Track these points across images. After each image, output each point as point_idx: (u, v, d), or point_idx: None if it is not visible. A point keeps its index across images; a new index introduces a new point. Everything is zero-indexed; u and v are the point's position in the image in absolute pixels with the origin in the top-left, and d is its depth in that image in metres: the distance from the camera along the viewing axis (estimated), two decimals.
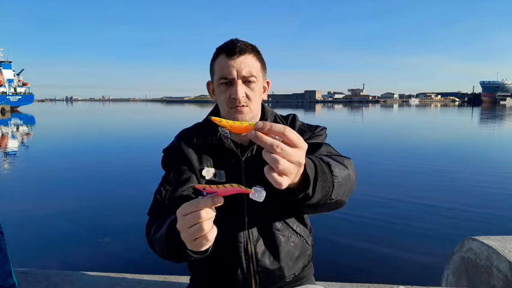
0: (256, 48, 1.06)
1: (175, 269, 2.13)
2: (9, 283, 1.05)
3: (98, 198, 6.25)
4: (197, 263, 1.10)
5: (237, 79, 1.01)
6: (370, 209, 5.30)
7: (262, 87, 1.10)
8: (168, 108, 76.70)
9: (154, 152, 8.42)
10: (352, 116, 39.11)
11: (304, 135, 1.09)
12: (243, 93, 1.02)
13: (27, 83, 51.88)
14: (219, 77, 1.03)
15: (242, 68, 1.01)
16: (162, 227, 0.87)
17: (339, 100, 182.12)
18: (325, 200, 0.79)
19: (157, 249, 0.91)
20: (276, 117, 1.15)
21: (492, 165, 9.04)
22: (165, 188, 1.04)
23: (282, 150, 0.58)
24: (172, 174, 1.06)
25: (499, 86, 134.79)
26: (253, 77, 1.03)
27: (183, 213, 0.66)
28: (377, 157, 10.42)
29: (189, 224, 0.65)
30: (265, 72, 1.10)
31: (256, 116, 1.10)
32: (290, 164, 0.59)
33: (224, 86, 1.03)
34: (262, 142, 0.57)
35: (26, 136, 17.85)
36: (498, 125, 24.69)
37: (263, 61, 1.09)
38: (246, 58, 1.02)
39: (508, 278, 1.66)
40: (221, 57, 1.03)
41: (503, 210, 5.40)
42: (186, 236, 0.67)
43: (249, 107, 1.04)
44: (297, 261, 1.10)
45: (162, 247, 0.86)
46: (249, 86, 1.03)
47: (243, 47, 1.01)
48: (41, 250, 4.06)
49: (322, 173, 0.76)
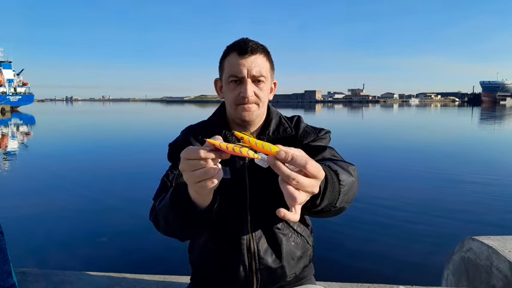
0: (266, 49, 1.07)
1: (175, 269, 2.14)
2: (9, 283, 1.05)
3: (98, 198, 6.25)
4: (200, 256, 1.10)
5: (247, 78, 1.02)
6: (370, 209, 5.29)
7: (270, 87, 1.11)
8: (168, 108, 76.71)
9: (154, 152, 8.47)
10: (352, 116, 39.10)
11: (308, 137, 1.10)
12: (252, 92, 1.03)
13: (27, 83, 51.86)
14: (229, 75, 1.03)
15: (253, 67, 1.01)
16: (167, 195, 0.88)
17: (339, 100, 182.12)
18: (330, 208, 0.80)
19: (161, 220, 0.91)
20: (281, 118, 1.16)
21: (492, 165, 9.05)
22: (172, 172, 1.05)
23: (298, 182, 0.60)
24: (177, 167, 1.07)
25: (499, 86, 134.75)
26: (263, 77, 1.04)
27: (187, 157, 0.66)
28: (376, 157, 10.42)
29: (193, 168, 0.66)
30: (273, 73, 1.11)
31: (262, 116, 1.11)
32: (304, 194, 0.62)
33: (233, 84, 1.04)
34: (280, 172, 0.60)
35: (26, 136, 17.85)
36: (498, 125, 24.69)
37: (272, 62, 1.10)
38: (257, 58, 1.03)
39: (508, 278, 1.66)
40: (232, 55, 1.03)
41: (503, 210, 5.40)
42: (190, 178, 0.67)
43: (257, 105, 1.05)
44: (298, 261, 1.10)
45: (166, 213, 0.86)
46: (257, 86, 1.04)
47: (254, 47, 1.02)
48: (41, 250, 4.06)
49: (332, 183, 0.77)
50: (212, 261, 1.07)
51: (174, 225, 0.88)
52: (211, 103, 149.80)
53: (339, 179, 0.79)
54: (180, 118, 34.35)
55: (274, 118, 1.14)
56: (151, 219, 1.00)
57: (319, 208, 0.77)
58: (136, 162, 9.67)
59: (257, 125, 1.12)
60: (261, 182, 1.01)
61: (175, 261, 3.46)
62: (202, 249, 1.09)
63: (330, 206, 0.79)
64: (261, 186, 1.02)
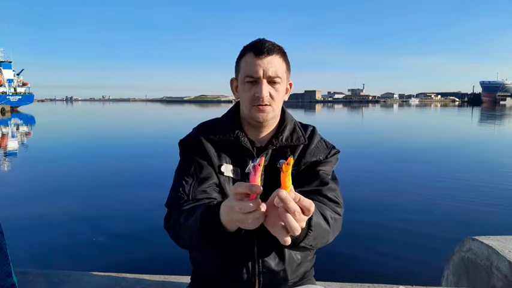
0: (283, 50, 1.06)
1: (175, 269, 2.14)
2: (9, 283, 1.05)
3: (99, 198, 6.25)
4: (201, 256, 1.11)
5: (263, 78, 1.01)
6: (370, 209, 5.29)
7: (285, 88, 1.10)
8: (168, 108, 76.69)
9: (155, 152, 8.47)
10: (352, 116, 39.09)
11: (318, 154, 1.10)
12: (267, 93, 1.02)
13: (27, 83, 51.84)
14: (245, 75, 1.03)
15: (269, 68, 1.01)
16: (195, 214, 0.89)
17: (339, 100, 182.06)
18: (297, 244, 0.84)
19: (186, 237, 0.93)
20: (296, 125, 1.15)
21: (492, 165, 9.05)
22: (187, 182, 1.04)
23: (299, 217, 0.69)
24: (193, 168, 1.06)
25: (499, 86, 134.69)
26: (278, 78, 1.03)
27: (243, 212, 0.70)
28: (376, 157, 10.43)
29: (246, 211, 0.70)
30: (289, 73, 1.11)
31: (277, 117, 1.11)
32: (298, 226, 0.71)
33: (249, 84, 1.03)
34: (287, 206, 0.68)
35: (26, 136, 17.86)
36: (498, 125, 24.69)
37: (288, 63, 1.09)
38: (274, 58, 1.02)
39: (508, 278, 1.66)
40: (248, 55, 1.03)
41: (503, 210, 5.40)
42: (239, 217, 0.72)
43: (271, 106, 1.05)
44: (300, 266, 1.10)
45: (193, 234, 0.88)
46: (273, 86, 1.04)
47: (271, 47, 1.02)
48: (41, 250, 4.06)
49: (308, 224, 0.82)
50: (214, 262, 1.07)
51: (198, 245, 0.91)
52: (211, 103, 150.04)
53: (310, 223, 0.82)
54: (180, 118, 34.33)
55: (289, 124, 1.13)
56: (167, 229, 1.00)
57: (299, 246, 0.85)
58: (136, 162, 9.68)
59: (271, 126, 1.11)
60: (269, 186, 1.01)
61: (176, 261, 3.46)
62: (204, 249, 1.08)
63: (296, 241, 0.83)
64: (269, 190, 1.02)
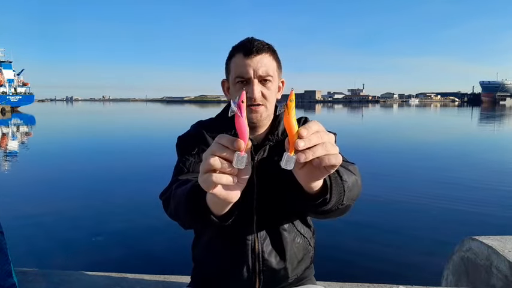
0: (272, 48, 1.06)
1: (175, 269, 2.14)
2: (9, 283, 1.05)
3: (98, 198, 6.24)
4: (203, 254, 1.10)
5: (254, 78, 1.01)
6: (370, 209, 5.29)
7: (277, 86, 1.10)
8: (168, 108, 76.68)
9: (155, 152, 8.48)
10: (351, 116, 39.10)
11: None
12: (259, 92, 1.02)
13: (27, 83, 51.80)
14: (235, 76, 1.02)
15: (259, 67, 1.00)
16: (187, 184, 0.84)
17: (338, 100, 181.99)
18: (338, 206, 0.80)
19: (173, 206, 0.89)
20: None
21: (492, 165, 9.05)
22: (188, 159, 1.03)
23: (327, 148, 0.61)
24: (193, 158, 1.04)
25: (498, 86, 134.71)
26: (270, 77, 1.03)
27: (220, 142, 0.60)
28: (376, 157, 10.42)
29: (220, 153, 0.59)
30: (280, 71, 1.10)
31: (270, 116, 1.11)
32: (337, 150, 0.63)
33: (240, 85, 1.03)
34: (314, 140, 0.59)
35: (26, 136, 17.85)
36: (498, 125, 24.69)
37: (279, 61, 1.09)
38: (263, 57, 1.01)
39: (507, 278, 1.66)
40: (238, 56, 1.02)
41: (503, 210, 5.40)
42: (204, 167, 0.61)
43: (264, 106, 1.04)
44: (300, 263, 1.10)
45: (179, 204, 0.84)
46: (265, 85, 1.03)
47: (260, 46, 1.01)
48: (41, 250, 4.06)
49: (334, 179, 0.78)
50: (215, 260, 1.06)
51: (183, 217, 0.86)
52: (211, 103, 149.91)
53: (340, 175, 0.80)
54: (180, 118, 34.32)
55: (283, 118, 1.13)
56: (161, 199, 0.99)
57: (329, 206, 0.78)
58: (136, 162, 9.68)
59: (265, 126, 1.10)
60: (268, 183, 1.01)
61: (176, 261, 3.46)
62: (206, 247, 1.08)
63: (337, 203, 0.80)
64: (268, 187, 1.01)
